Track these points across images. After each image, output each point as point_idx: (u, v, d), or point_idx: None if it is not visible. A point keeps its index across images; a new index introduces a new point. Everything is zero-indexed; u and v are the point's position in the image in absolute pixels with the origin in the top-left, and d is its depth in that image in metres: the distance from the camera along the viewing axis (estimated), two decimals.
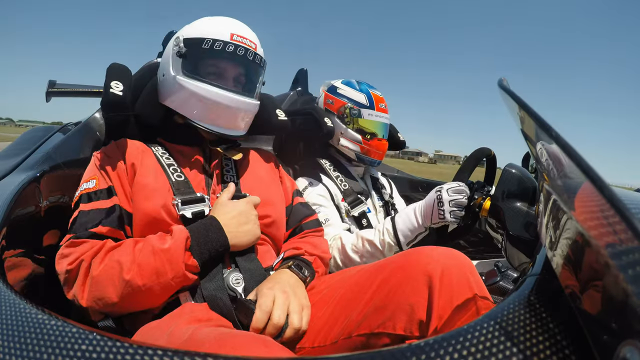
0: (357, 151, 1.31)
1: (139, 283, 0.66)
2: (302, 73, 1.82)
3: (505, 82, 0.56)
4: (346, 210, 1.23)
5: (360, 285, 0.70)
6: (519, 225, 0.90)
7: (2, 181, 0.86)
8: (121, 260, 0.67)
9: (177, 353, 0.35)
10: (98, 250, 0.69)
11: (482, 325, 0.37)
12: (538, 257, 0.50)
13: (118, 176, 0.80)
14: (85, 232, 0.72)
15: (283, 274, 0.77)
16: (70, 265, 0.67)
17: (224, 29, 0.86)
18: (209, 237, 0.73)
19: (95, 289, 0.66)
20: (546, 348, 0.35)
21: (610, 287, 0.30)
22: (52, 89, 1.15)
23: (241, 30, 0.88)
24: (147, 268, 0.66)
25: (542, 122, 0.42)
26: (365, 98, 1.30)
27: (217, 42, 0.85)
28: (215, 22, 0.89)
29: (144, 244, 0.70)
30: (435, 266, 0.62)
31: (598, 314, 0.32)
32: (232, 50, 0.85)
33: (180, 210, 0.77)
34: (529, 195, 0.93)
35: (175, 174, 0.83)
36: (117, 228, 0.75)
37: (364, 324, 0.66)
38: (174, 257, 0.68)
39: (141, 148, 0.86)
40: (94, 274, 0.66)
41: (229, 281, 0.74)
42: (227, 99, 0.86)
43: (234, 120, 0.89)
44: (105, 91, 0.82)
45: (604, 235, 0.31)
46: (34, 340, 0.38)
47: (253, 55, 0.89)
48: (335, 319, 0.70)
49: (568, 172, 0.40)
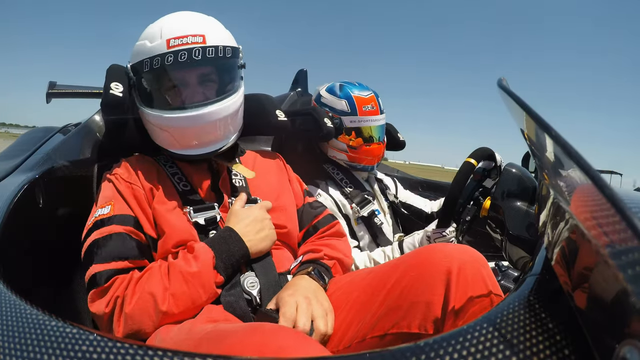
0: (344, 160, 1.28)
1: (176, 312, 0.66)
2: (302, 73, 1.82)
3: (504, 82, 0.56)
4: (355, 213, 1.23)
5: (373, 287, 0.70)
6: (519, 224, 0.90)
7: (2, 182, 0.86)
8: (153, 292, 0.66)
9: (177, 353, 0.35)
10: (128, 284, 0.67)
11: (482, 325, 0.37)
12: (538, 256, 0.50)
13: (139, 202, 0.76)
14: (109, 271, 0.68)
15: (302, 280, 0.75)
16: (107, 308, 0.65)
17: (159, 38, 0.76)
18: (231, 251, 0.72)
19: (131, 323, 0.65)
20: (546, 348, 0.35)
21: (610, 287, 0.30)
22: (53, 90, 1.15)
23: (178, 29, 0.76)
24: (182, 297, 0.66)
25: (541, 121, 0.42)
26: (346, 104, 1.24)
27: (154, 59, 0.75)
28: (150, 32, 0.79)
29: (172, 269, 0.68)
30: (452, 262, 0.62)
31: (598, 313, 0.32)
32: (172, 60, 0.74)
33: (193, 217, 0.77)
34: (529, 195, 0.93)
35: (181, 183, 0.82)
36: (141, 259, 0.73)
37: (378, 325, 0.65)
38: (204, 280, 0.68)
39: (152, 165, 0.84)
40: (126, 310, 0.65)
41: (244, 284, 0.73)
42: (189, 119, 0.77)
43: (213, 134, 0.81)
44: (105, 92, 0.82)
45: (603, 234, 0.31)
46: (34, 341, 0.38)
47: (201, 51, 0.76)
48: (348, 323, 0.69)
49: (568, 172, 0.40)
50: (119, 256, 0.70)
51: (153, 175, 0.81)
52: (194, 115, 0.77)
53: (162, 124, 0.79)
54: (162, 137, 0.83)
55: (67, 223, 0.87)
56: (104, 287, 0.67)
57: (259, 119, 0.97)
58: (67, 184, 0.91)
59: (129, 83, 0.82)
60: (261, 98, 0.99)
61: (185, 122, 0.77)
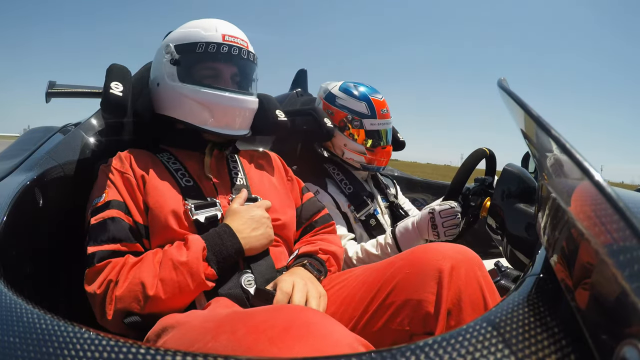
0: (361, 162, 1.30)
1: (163, 297, 0.67)
2: (302, 73, 1.82)
3: (504, 82, 0.56)
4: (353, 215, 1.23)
5: (368, 283, 0.71)
6: (518, 225, 0.90)
7: (2, 182, 0.86)
8: (143, 278, 0.68)
9: (177, 353, 0.35)
10: (121, 268, 0.70)
11: (482, 325, 0.37)
12: (538, 257, 0.50)
13: (129, 190, 0.79)
14: (104, 252, 0.72)
15: (298, 269, 0.79)
16: (100, 289, 0.69)
17: (214, 31, 0.87)
18: (224, 245, 0.74)
19: (120, 305, 0.68)
20: (545, 348, 0.35)
21: (610, 287, 0.30)
22: (52, 89, 1.15)
23: (231, 30, 0.88)
24: (169, 283, 0.68)
25: (541, 122, 0.42)
26: (366, 107, 1.27)
27: (210, 44, 0.85)
28: (204, 24, 0.88)
29: (164, 257, 0.71)
30: (445, 261, 0.63)
31: (597, 313, 0.33)
32: (227, 50, 0.86)
33: (194, 215, 0.78)
34: (528, 195, 0.93)
35: (184, 179, 0.83)
36: (133, 242, 0.75)
37: (371, 322, 0.66)
38: (193, 269, 0.69)
39: (148, 158, 0.86)
40: (117, 293, 0.67)
41: (241, 282, 0.75)
42: (230, 99, 0.87)
43: (239, 120, 0.90)
44: (105, 92, 0.82)
45: (602, 234, 0.31)
46: (34, 341, 0.38)
47: (247, 53, 0.89)
48: (339, 318, 0.70)
49: (568, 172, 0.40)
50: (112, 239, 0.73)
51: (148, 164, 0.83)
52: (234, 97, 0.87)
53: (207, 99, 0.85)
54: (196, 112, 0.86)
55: (67, 223, 0.87)
56: (97, 266, 0.70)
57: (259, 118, 0.98)
58: (67, 183, 0.91)
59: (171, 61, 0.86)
60: (261, 98, 1.00)
61: (226, 101, 0.86)
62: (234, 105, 0.87)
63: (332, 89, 1.33)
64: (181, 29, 0.90)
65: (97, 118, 1.03)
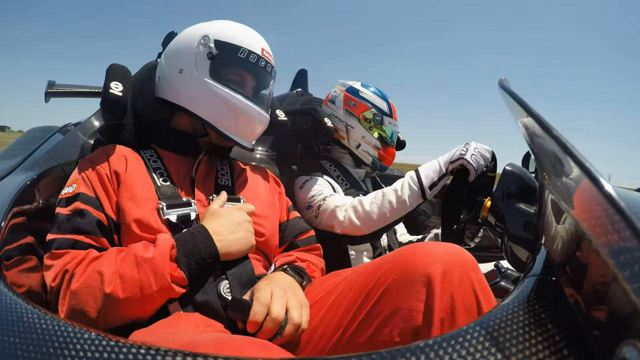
0: (374, 157, 1.32)
1: (121, 296, 0.61)
2: (302, 73, 1.82)
3: (505, 82, 0.56)
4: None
5: (355, 289, 0.66)
6: (519, 225, 0.90)
7: (2, 182, 0.86)
8: (102, 272, 0.62)
9: (178, 353, 0.35)
10: (81, 261, 0.65)
11: (482, 325, 0.37)
12: (538, 257, 0.50)
13: (102, 183, 0.75)
14: (66, 240, 0.67)
15: (278, 274, 0.74)
16: (54, 282, 0.64)
17: (254, 42, 0.87)
18: (196, 247, 0.67)
19: (74, 302, 0.61)
20: (545, 348, 0.35)
21: (610, 287, 0.30)
22: (51, 89, 1.15)
23: (267, 46, 0.90)
24: (129, 281, 0.61)
25: (542, 121, 0.42)
26: (387, 106, 1.32)
27: (252, 54, 0.85)
28: (245, 32, 0.88)
29: (127, 253, 0.65)
30: (435, 265, 0.58)
31: (597, 313, 0.33)
32: (263, 65, 0.87)
33: (165, 214, 0.73)
34: (529, 195, 0.93)
35: (161, 179, 0.79)
36: (99, 236, 0.71)
37: (358, 332, 0.62)
38: (158, 267, 0.63)
39: (128, 154, 0.82)
40: (72, 287, 0.61)
41: (219, 290, 0.70)
42: (257, 112, 0.87)
43: (252, 131, 0.90)
44: (105, 91, 0.82)
45: (603, 234, 0.31)
46: (34, 340, 0.38)
47: (274, 72, 0.92)
48: (326, 325, 0.67)
49: (568, 172, 0.40)
50: (76, 229, 0.69)
51: (127, 160, 0.80)
52: (259, 111, 0.88)
53: (234, 103, 0.84)
54: (221, 114, 0.84)
55: None
56: (54, 253, 0.66)
57: None
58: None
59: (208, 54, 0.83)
60: None
61: (252, 112, 0.87)
62: (255, 116, 0.87)
63: (353, 84, 1.36)
64: (221, 26, 0.87)
65: (97, 118, 1.03)
